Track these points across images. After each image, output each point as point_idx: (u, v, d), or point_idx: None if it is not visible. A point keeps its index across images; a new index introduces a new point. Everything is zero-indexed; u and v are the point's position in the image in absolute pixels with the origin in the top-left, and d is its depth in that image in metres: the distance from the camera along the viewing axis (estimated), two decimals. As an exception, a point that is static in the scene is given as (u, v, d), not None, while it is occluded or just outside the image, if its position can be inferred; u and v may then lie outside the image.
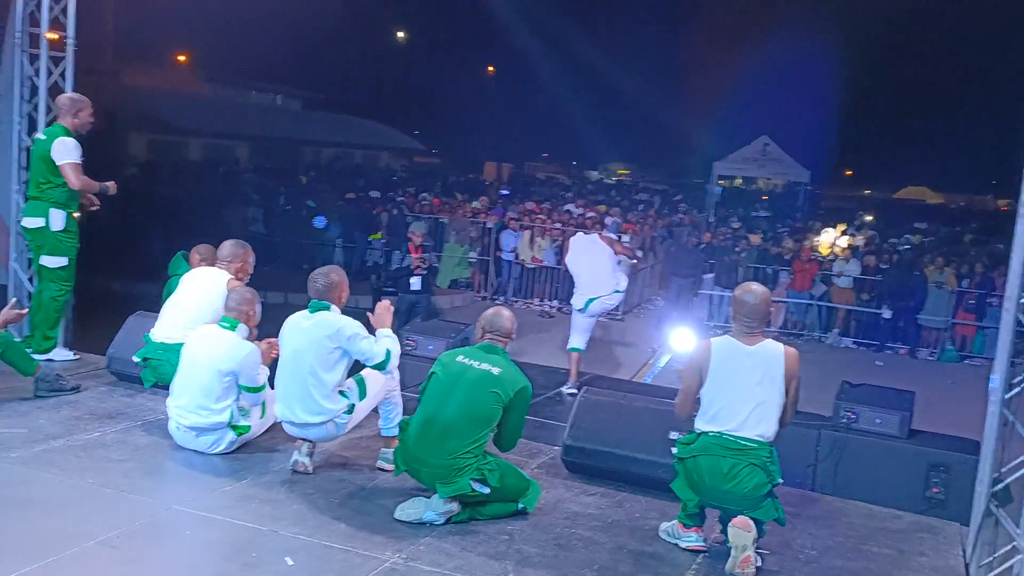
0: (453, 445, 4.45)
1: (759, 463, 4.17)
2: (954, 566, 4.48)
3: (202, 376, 5.10)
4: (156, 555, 4.02)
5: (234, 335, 5.16)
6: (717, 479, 4.19)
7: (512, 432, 4.64)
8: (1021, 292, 5.17)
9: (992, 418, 5.12)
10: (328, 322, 4.93)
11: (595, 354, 12.74)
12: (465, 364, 4.59)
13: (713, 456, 4.21)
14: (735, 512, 4.20)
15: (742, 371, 4.25)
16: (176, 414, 5.20)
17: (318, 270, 5.13)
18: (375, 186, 21.47)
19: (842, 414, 7.43)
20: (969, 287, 14.89)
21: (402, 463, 4.68)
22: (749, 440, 4.19)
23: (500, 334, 4.71)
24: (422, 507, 4.50)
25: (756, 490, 4.16)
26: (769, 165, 26.94)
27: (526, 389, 4.56)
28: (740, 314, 4.36)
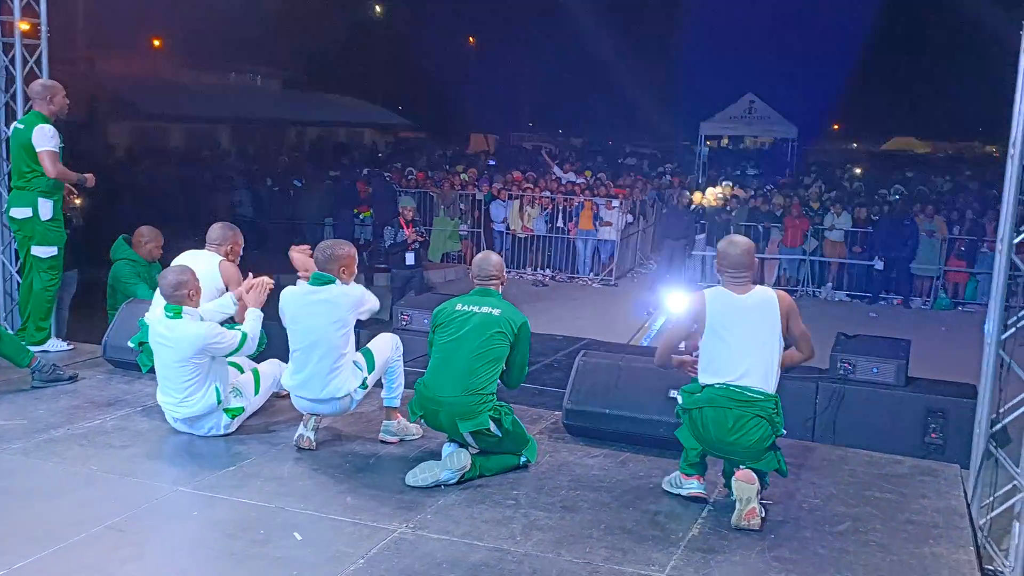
0: (469, 383, 4.58)
1: (765, 415, 4.20)
2: (956, 507, 4.53)
3: (174, 371, 5.05)
4: (164, 536, 4.04)
5: (182, 321, 5.04)
6: (723, 431, 4.22)
7: (519, 367, 4.81)
8: (1014, 234, 5.19)
9: (988, 360, 5.16)
10: (346, 297, 4.94)
11: (590, 319, 12.79)
12: (466, 311, 4.73)
13: (719, 408, 4.23)
14: (738, 463, 4.23)
15: (738, 321, 4.28)
16: (167, 409, 5.19)
17: (323, 242, 5.12)
18: (360, 163, 21.37)
19: (839, 366, 7.48)
20: (960, 234, 14.93)
21: (419, 408, 4.76)
22: (755, 391, 4.22)
23: (489, 277, 4.86)
24: (436, 468, 4.55)
25: (761, 442, 4.20)
26: (756, 123, 26.87)
27: (526, 324, 4.76)
28: (726, 266, 4.38)
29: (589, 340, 9.97)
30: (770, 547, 3.99)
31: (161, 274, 5.26)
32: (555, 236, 16.69)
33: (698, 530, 4.16)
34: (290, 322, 4.98)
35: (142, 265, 7.21)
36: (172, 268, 5.27)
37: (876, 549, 4.01)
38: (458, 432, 4.62)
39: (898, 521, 4.31)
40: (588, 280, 16.32)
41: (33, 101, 6.64)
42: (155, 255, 7.26)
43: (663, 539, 4.05)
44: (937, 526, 4.27)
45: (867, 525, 4.25)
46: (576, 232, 16.54)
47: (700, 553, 3.93)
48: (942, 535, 4.18)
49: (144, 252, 7.24)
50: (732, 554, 3.92)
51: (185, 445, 5.08)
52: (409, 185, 17.82)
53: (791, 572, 3.76)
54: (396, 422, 5.19)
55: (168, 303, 5.11)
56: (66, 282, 7.35)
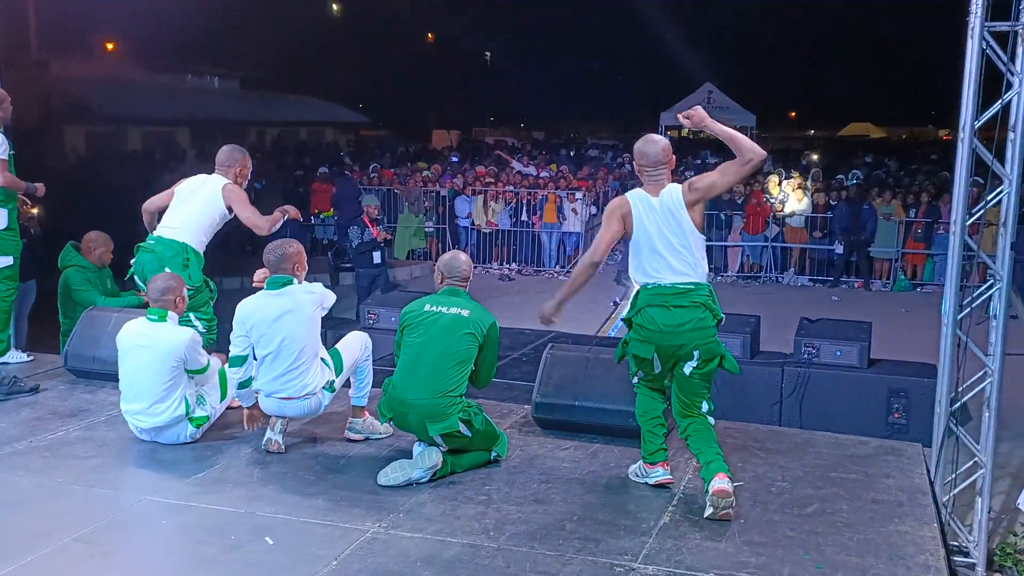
0: (438, 385, 4.58)
1: (700, 301, 4.30)
2: (919, 484, 4.61)
3: (148, 376, 4.98)
4: (133, 546, 4.00)
5: (167, 325, 5.03)
6: (666, 318, 4.28)
7: (488, 368, 4.82)
8: (966, 216, 5.29)
9: (945, 340, 5.27)
10: (308, 293, 4.95)
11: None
12: (435, 311, 4.72)
13: (657, 307, 4.30)
14: (687, 356, 4.27)
15: (657, 224, 4.33)
16: (132, 420, 5.11)
17: (271, 243, 5.06)
18: (323, 162, 21.22)
19: (803, 350, 7.61)
20: (916, 217, 15.16)
21: (387, 411, 4.76)
22: (685, 284, 4.30)
23: (459, 278, 4.85)
24: (408, 468, 4.55)
25: (704, 322, 4.28)
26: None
27: (495, 325, 4.77)
28: (645, 165, 4.39)
29: (556, 332, 10.01)
30: (740, 531, 4.05)
31: (152, 278, 5.24)
32: (520, 230, 16.72)
33: (669, 518, 4.20)
34: (255, 329, 4.90)
35: (92, 271, 7.12)
36: (163, 274, 5.27)
37: (843, 529, 4.08)
38: (427, 434, 4.61)
39: (864, 501, 4.39)
40: (554, 272, 16.37)
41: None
42: (105, 260, 7.19)
43: (635, 528, 4.09)
44: (901, 504, 4.35)
45: (834, 506, 4.32)
46: (541, 225, 16.59)
47: (672, 540, 3.97)
48: (907, 513, 4.25)
49: (94, 258, 7.15)
50: (703, 540, 3.97)
51: (152, 453, 5.02)
52: (372, 183, 17.75)
53: (761, 555, 3.82)
54: (363, 420, 5.19)
55: (153, 307, 5.08)
56: (24, 292, 7.22)
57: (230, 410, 5.43)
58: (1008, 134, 5.23)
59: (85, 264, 7.11)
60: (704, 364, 4.31)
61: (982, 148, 5.24)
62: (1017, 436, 6.94)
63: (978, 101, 5.20)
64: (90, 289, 7.04)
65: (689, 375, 4.33)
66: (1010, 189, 5.26)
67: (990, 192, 5.42)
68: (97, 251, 7.15)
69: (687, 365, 4.31)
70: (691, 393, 4.38)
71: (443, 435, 4.60)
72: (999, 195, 5.33)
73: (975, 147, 5.22)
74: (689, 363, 4.31)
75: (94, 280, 7.09)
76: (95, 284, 7.08)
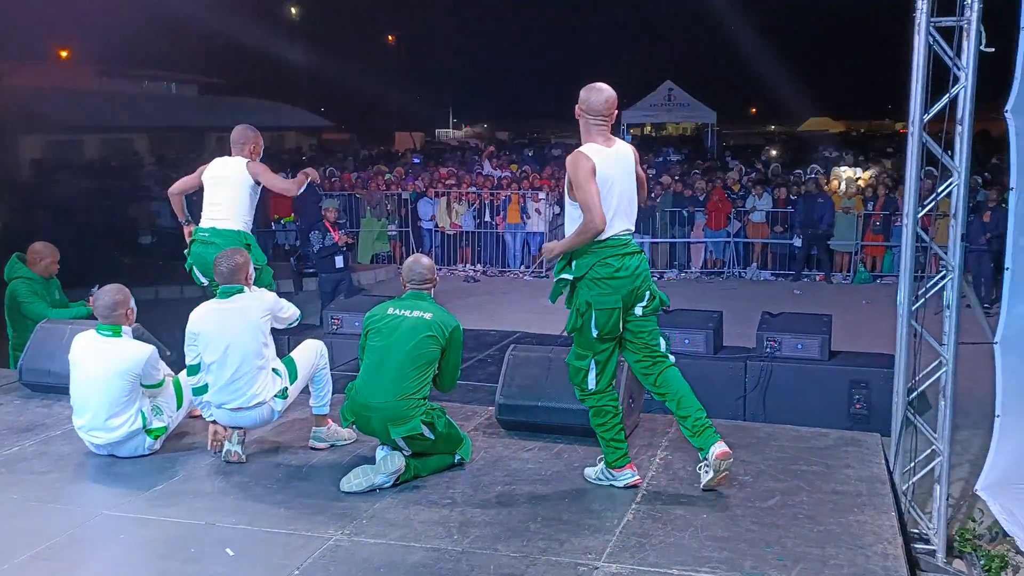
0: (400, 388, 4.57)
1: (639, 250, 4.48)
2: (878, 474, 4.66)
3: (101, 391, 4.89)
4: (92, 562, 3.95)
5: (122, 340, 4.97)
6: (627, 263, 4.36)
7: (451, 371, 4.82)
8: (918, 208, 5.37)
9: (901, 331, 5.34)
10: (257, 301, 4.92)
11: (523, 312, 12.83)
12: (398, 315, 4.72)
13: (617, 256, 4.35)
14: (640, 299, 4.39)
15: (615, 174, 4.37)
16: (86, 436, 5.01)
17: (220, 254, 5.02)
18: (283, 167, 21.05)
19: (765, 344, 7.69)
20: (874, 209, 15.36)
21: (350, 414, 4.74)
22: (631, 232, 4.44)
23: (421, 281, 4.85)
24: (370, 473, 4.53)
25: (645, 263, 4.48)
26: (676, 110, 27.29)
27: (458, 328, 4.76)
28: (592, 114, 4.39)
29: (521, 333, 10.02)
30: (703, 527, 4.07)
31: (98, 294, 5.13)
32: (484, 231, 16.72)
33: (633, 515, 4.21)
34: (203, 336, 4.86)
35: (39, 282, 6.95)
36: (107, 288, 5.14)
37: (804, 521, 4.12)
38: (390, 438, 4.61)
39: (824, 492, 4.43)
40: (519, 273, 16.38)
41: None
42: (51, 271, 7.03)
43: (599, 527, 4.09)
44: (861, 494, 4.40)
45: (795, 498, 4.36)
46: (504, 226, 16.59)
47: (635, 538, 3.98)
48: (866, 503, 4.30)
49: (40, 269, 6.97)
50: (667, 536, 3.99)
51: (110, 467, 4.95)
52: (334, 188, 17.65)
53: (724, 550, 3.84)
54: (326, 428, 5.15)
55: (104, 323, 4.99)
56: (-24, 305, 7.09)
57: (191, 418, 5.37)
58: (956, 127, 5.31)
59: (31, 276, 6.94)
60: (650, 301, 4.46)
61: (931, 141, 5.33)
62: (975, 423, 7.05)
63: (927, 95, 5.28)
64: (36, 301, 6.87)
65: (643, 315, 4.44)
66: (959, 181, 5.35)
67: (941, 184, 5.51)
68: (43, 262, 6.97)
69: (638, 306, 4.42)
70: (649, 334, 4.48)
71: (406, 438, 4.59)
72: (949, 187, 5.42)
73: (925, 140, 5.29)
74: (639, 304, 4.42)
75: (40, 291, 6.93)
76: (42, 295, 6.92)
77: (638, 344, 4.49)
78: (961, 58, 5.21)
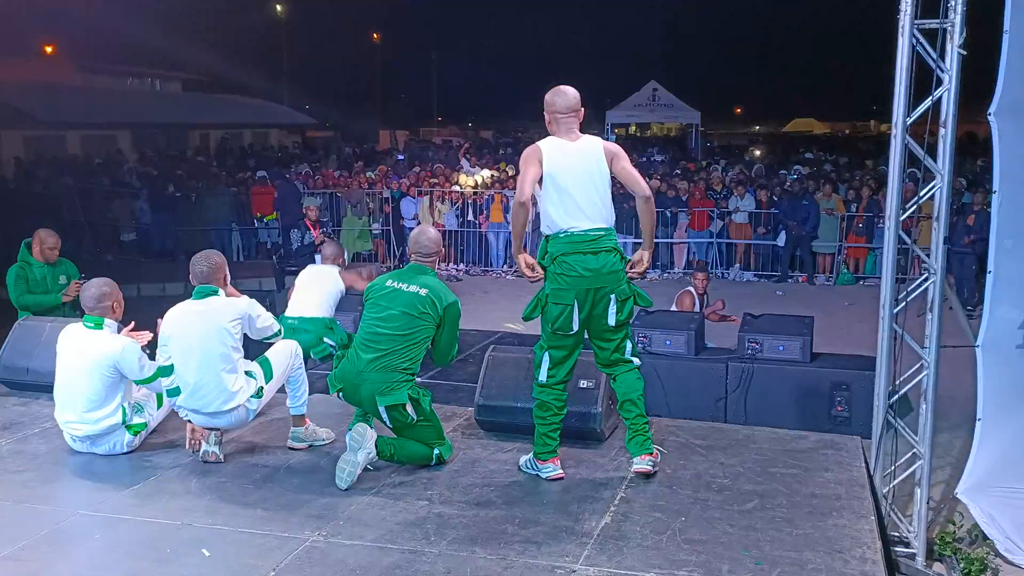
0: (391, 361, 4.58)
1: (612, 245, 4.46)
2: (857, 477, 4.65)
3: (82, 382, 4.87)
4: (64, 563, 3.88)
5: (104, 332, 4.93)
6: (586, 263, 4.39)
7: (446, 346, 4.80)
8: (900, 210, 5.37)
9: (883, 334, 5.34)
10: (231, 306, 4.84)
11: (506, 312, 12.80)
12: (395, 287, 4.71)
13: (576, 253, 4.40)
14: (604, 301, 4.42)
15: (572, 165, 4.41)
16: (66, 428, 4.99)
17: (197, 255, 4.97)
18: (266, 165, 20.95)
19: (747, 345, 7.66)
20: (857, 211, 15.41)
21: (338, 382, 4.73)
22: (599, 230, 4.42)
23: (424, 253, 4.84)
24: (350, 458, 4.52)
25: (616, 265, 4.45)
26: (660, 110, 27.33)
27: (455, 304, 4.74)
28: (556, 113, 4.48)
29: (503, 333, 10.00)
30: (681, 530, 4.05)
31: (85, 285, 5.11)
32: (467, 230, 16.66)
33: (611, 518, 4.19)
34: (171, 338, 4.82)
35: (36, 267, 6.98)
36: (95, 281, 5.11)
37: (782, 524, 4.10)
38: (375, 408, 4.60)
39: (802, 495, 4.42)
40: (502, 273, 16.34)
41: None
42: (49, 256, 7.03)
43: (576, 530, 4.07)
44: (840, 498, 4.39)
45: (773, 501, 4.35)
46: (488, 225, 16.54)
47: (613, 541, 3.96)
48: (844, 507, 4.29)
49: (38, 254, 7.00)
50: (644, 539, 3.96)
51: (85, 466, 4.89)
52: (317, 186, 17.56)
53: (701, 553, 3.82)
54: (304, 428, 5.11)
55: (89, 315, 4.96)
56: (-44, 301, 7.01)
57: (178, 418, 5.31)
58: (939, 130, 5.31)
59: (30, 260, 6.98)
60: (622, 306, 4.46)
61: (914, 144, 5.32)
62: (956, 426, 7.06)
63: (910, 97, 5.28)
64: (16, 286, 6.90)
65: (615, 325, 4.47)
66: (942, 184, 5.35)
67: (924, 187, 5.51)
68: (40, 247, 7.00)
69: (609, 314, 4.44)
70: (617, 346, 4.54)
71: (388, 410, 4.59)
72: (932, 190, 5.42)
73: (907, 143, 5.29)
74: (610, 310, 4.43)
75: (34, 276, 6.94)
76: (34, 280, 6.93)
77: (605, 351, 4.59)
78: (945, 60, 5.21)
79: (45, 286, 6.96)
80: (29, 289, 6.91)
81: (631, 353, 4.61)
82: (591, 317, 4.48)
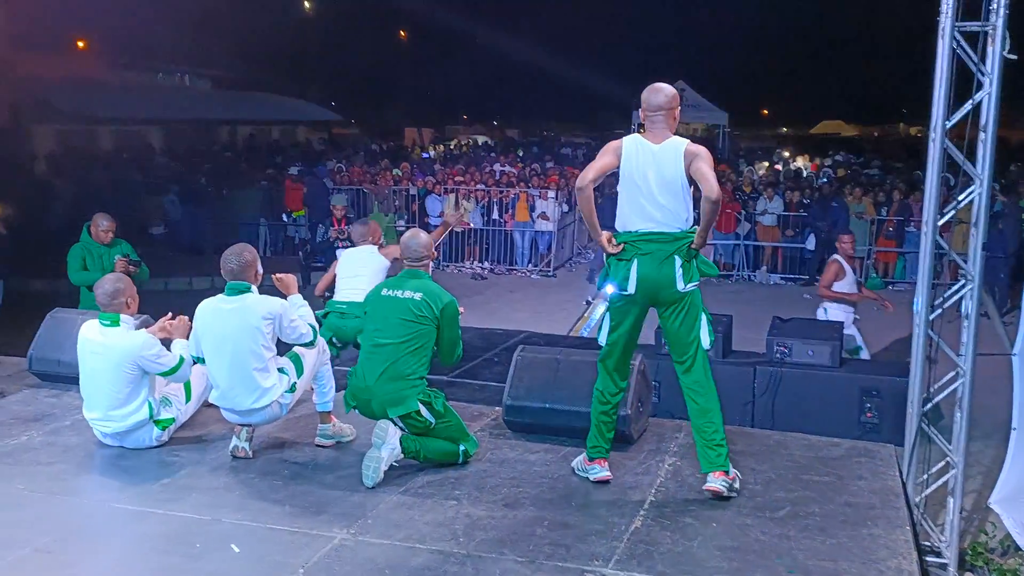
0: (396, 370, 4.58)
1: (676, 250, 4.32)
2: (892, 486, 4.59)
3: (104, 381, 4.89)
4: (95, 556, 3.90)
5: (120, 330, 4.93)
6: (653, 269, 4.31)
7: (450, 347, 4.78)
8: (938, 215, 5.29)
9: (917, 340, 5.26)
10: (262, 304, 4.82)
11: (530, 311, 12.78)
12: (390, 296, 4.73)
13: (645, 255, 4.31)
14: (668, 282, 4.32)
15: (647, 173, 4.32)
16: (95, 425, 5.03)
17: (228, 250, 4.94)
18: (294, 161, 21.04)
19: (775, 349, 7.59)
20: (888, 215, 15.24)
21: (352, 399, 4.75)
22: (670, 232, 4.32)
23: (415, 258, 4.84)
24: (375, 455, 4.53)
25: (671, 274, 4.32)
26: (687, 110, 27.06)
27: (451, 304, 4.73)
28: (645, 110, 4.44)
29: (528, 333, 9.96)
30: (712, 536, 4.01)
31: (98, 283, 5.11)
32: (492, 229, 16.65)
33: (641, 522, 4.15)
34: (203, 334, 4.83)
35: (94, 247, 7.48)
36: (108, 277, 5.12)
37: (815, 533, 4.05)
38: (389, 419, 4.61)
39: (836, 504, 4.37)
40: (526, 272, 16.31)
41: None
42: (103, 238, 7.49)
43: (606, 533, 4.04)
44: (874, 507, 4.33)
45: (806, 509, 4.30)
46: (513, 224, 16.52)
47: (643, 545, 3.92)
48: (879, 516, 4.24)
49: (94, 235, 7.50)
50: (675, 545, 3.93)
51: (116, 459, 4.92)
52: (343, 182, 17.61)
53: (733, 560, 3.78)
54: (331, 425, 5.12)
55: (104, 312, 4.96)
56: (-8, 292, 7.12)
57: (206, 407, 5.33)
58: (979, 134, 5.23)
59: (88, 241, 7.48)
60: (687, 268, 4.31)
61: (953, 148, 5.24)
62: (987, 435, 6.96)
63: (949, 101, 5.20)
64: (73, 260, 7.40)
65: (681, 295, 4.33)
66: (981, 189, 5.26)
67: (960, 191, 5.42)
68: (95, 229, 7.50)
69: (677, 278, 4.30)
70: (685, 327, 4.40)
71: (403, 417, 4.60)
72: (971, 195, 5.33)
73: (946, 147, 5.21)
74: (676, 272, 4.30)
75: (91, 256, 7.44)
76: (87, 260, 7.41)
77: (670, 339, 4.52)
78: (985, 64, 5.12)
79: (101, 264, 7.39)
80: (85, 267, 7.39)
81: (707, 346, 4.45)
82: (657, 285, 4.33)
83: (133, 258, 7.50)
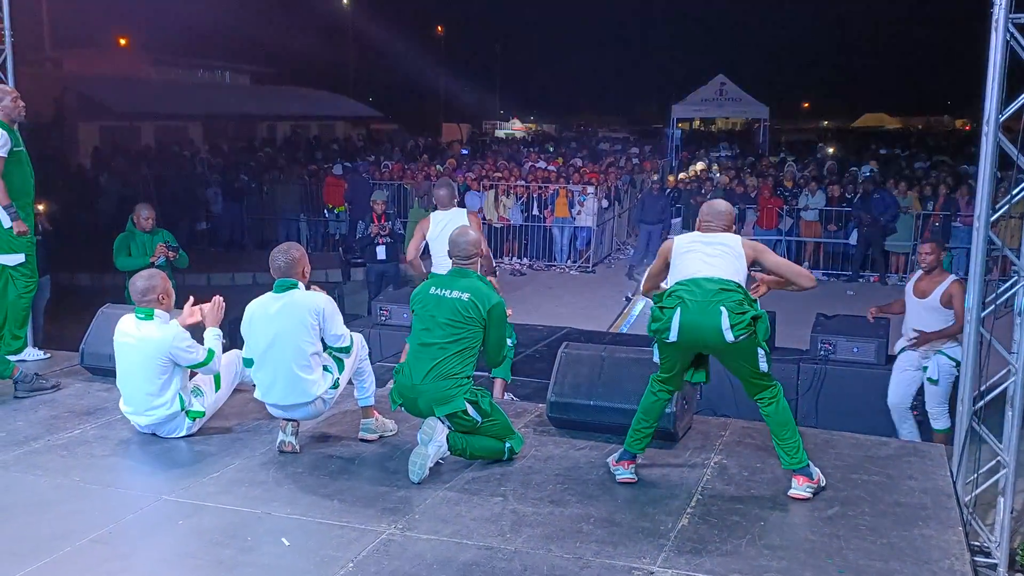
0: (442, 369, 4.60)
1: (732, 302, 4.24)
2: (942, 487, 4.54)
3: (138, 376, 5.01)
4: (150, 547, 3.98)
5: (154, 323, 5.01)
6: (700, 314, 4.24)
7: (496, 347, 4.80)
8: (990, 211, 5.20)
9: (969, 337, 5.17)
10: (308, 301, 4.87)
11: (569, 307, 12.77)
12: (438, 295, 4.72)
13: (691, 300, 4.27)
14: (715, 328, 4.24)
15: (701, 251, 4.44)
16: (131, 418, 5.16)
17: (276, 248, 5.01)
18: (335, 157, 21.19)
19: (819, 346, 7.52)
20: (933, 210, 15.00)
21: (398, 397, 4.78)
22: (720, 280, 4.31)
23: (464, 256, 4.83)
24: (421, 451, 4.56)
25: (725, 325, 4.21)
26: (727, 105, 26.94)
27: (499, 305, 4.72)
28: (703, 218, 4.64)
29: (569, 329, 9.97)
30: (760, 535, 3.99)
31: (131, 280, 5.20)
32: (531, 225, 16.65)
33: (687, 520, 4.14)
34: (252, 331, 4.89)
35: (137, 235, 7.94)
36: (142, 274, 5.21)
37: (866, 533, 4.02)
38: (436, 418, 4.64)
39: (886, 503, 4.32)
40: (566, 268, 16.30)
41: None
42: (144, 226, 7.94)
43: (653, 531, 4.04)
44: (925, 507, 4.29)
45: (856, 509, 4.26)
46: (552, 220, 16.51)
47: (691, 543, 3.92)
48: (930, 516, 4.19)
49: (137, 224, 7.96)
50: (723, 543, 3.92)
51: (167, 452, 5.01)
52: (384, 177, 17.70)
53: (782, 560, 3.76)
54: (374, 420, 5.17)
55: (138, 307, 5.06)
56: (40, 288, 7.24)
57: (238, 393, 5.42)
58: (1033, 128, 5.12)
59: (132, 230, 7.96)
60: (737, 327, 4.18)
61: (1006, 142, 5.14)
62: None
63: (1002, 94, 5.10)
64: (118, 248, 7.89)
65: (733, 343, 4.21)
66: (1035, 184, 5.16)
67: (1013, 185, 5.32)
68: (137, 216, 7.97)
69: (723, 329, 4.19)
70: (744, 371, 4.37)
71: (450, 416, 4.63)
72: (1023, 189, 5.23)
73: (999, 140, 5.11)
74: (723, 323, 4.19)
75: (135, 243, 7.90)
76: (132, 247, 7.88)
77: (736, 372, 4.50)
78: (1040, 57, 5.01)
79: (144, 251, 7.86)
80: (129, 253, 7.85)
81: (766, 372, 4.37)
82: (703, 329, 4.25)
83: (172, 244, 7.95)
